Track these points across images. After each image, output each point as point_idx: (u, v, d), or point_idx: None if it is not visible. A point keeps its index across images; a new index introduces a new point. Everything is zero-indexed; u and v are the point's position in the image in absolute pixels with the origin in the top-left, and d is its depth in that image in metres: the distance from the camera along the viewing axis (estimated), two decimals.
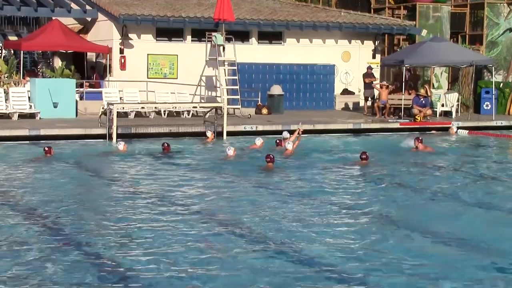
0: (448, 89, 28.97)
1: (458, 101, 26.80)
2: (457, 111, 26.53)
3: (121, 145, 17.39)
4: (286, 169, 15.34)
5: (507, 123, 25.01)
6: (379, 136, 22.13)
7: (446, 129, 23.30)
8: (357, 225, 10.50)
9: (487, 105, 27.28)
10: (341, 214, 11.30)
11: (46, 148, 16.30)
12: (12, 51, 29.19)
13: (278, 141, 18.41)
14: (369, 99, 26.67)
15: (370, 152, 16.32)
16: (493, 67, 27.24)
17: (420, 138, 18.76)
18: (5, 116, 22.24)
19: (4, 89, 23.18)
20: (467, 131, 23.07)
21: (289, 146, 17.12)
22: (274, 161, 15.18)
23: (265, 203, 11.89)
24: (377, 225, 10.65)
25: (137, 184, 13.70)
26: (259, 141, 17.87)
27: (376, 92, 26.55)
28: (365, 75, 26.94)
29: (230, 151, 16.37)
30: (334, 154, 18.09)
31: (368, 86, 26.59)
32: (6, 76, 25.66)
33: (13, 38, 29.29)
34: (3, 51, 30.50)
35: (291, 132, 18.79)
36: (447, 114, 26.44)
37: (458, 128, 23.31)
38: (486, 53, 29.53)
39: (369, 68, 27.33)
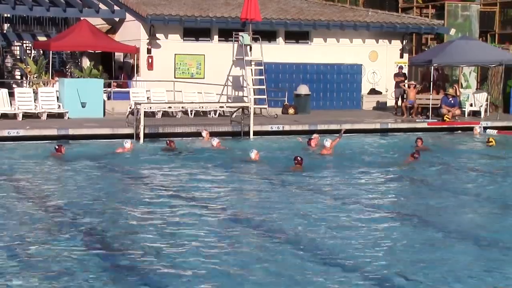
0: (476, 89, 28.74)
1: (487, 100, 26.57)
2: (486, 111, 26.31)
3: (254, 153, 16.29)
4: (317, 169, 15.33)
5: None
6: (407, 136, 22.02)
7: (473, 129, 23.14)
8: (385, 224, 10.51)
9: None
10: (374, 214, 11.31)
11: (56, 147, 16.50)
12: (41, 52, 29.50)
13: (309, 140, 18.42)
14: (399, 98, 26.57)
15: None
16: None
17: (421, 138, 18.79)
18: (34, 116, 22.48)
19: (33, 89, 23.46)
20: (496, 131, 22.88)
21: (327, 143, 17.04)
22: (302, 163, 15.16)
23: (298, 204, 11.92)
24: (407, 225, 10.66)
25: (163, 183, 13.82)
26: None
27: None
28: (395, 75, 26.92)
29: (253, 154, 16.27)
30: (368, 154, 18.08)
31: (398, 85, 26.53)
32: (35, 76, 25.96)
33: (42, 38, 29.60)
34: (33, 51, 30.85)
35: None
36: (475, 114, 26.24)
37: (486, 128, 23.13)
38: None
39: (400, 68, 27.28)
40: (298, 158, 15.16)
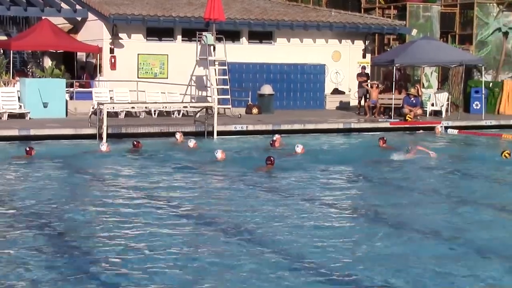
0: (438, 89, 29.06)
1: (448, 100, 26.89)
2: (447, 111, 26.62)
3: (104, 146, 17.32)
4: (288, 169, 15.29)
5: (496, 123, 25.15)
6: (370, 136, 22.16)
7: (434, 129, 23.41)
8: (344, 223, 10.54)
9: (476, 105, 27.40)
10: (330, 212, 11.33)
11: (27, 149, 16.21)
12: (2, 51, 29.05)
13: (272, 141, 18.46)
14: (362, 98, 26.74)
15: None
16: (482, 67, 27.33)
17: (385, 138, 18.97)
18: None
19: None
20: (457, 130, 23.16)
21: (299, 149, 17.18)
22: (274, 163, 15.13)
23: (264, 204, 11.82)
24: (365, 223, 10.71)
25: (127, 184, 13.69)
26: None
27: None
28: (358, 75, 27.10)
29: (219, 154, 16.25)
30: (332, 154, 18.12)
31: (361, 85, 26.72)
32: None
33: (2, 37, 29.16)
34: None
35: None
36: (437, 113, 26.53)
37: (447, 127, 23.40)
38: (475, 52, 29.66)
39: (363, 68, 27.48)
40: (272, 158, 15.12)
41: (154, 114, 24.02)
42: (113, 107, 22.17)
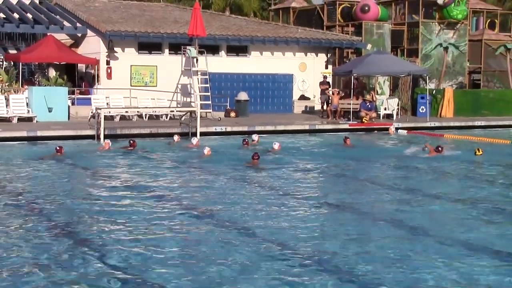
0: (389, 95, 29.28)
1: (398, 105, 27.11)
2: (397, 114, 26.84)
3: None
4: (270, 164, 15.22)
5: (439, 124, 25.41)
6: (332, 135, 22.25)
7: (387, 129, 23.55)
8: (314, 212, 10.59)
9: (422, 109, 27.64)
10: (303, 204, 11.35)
11: (58, 148, 15.87)
12: (12, 63, 28.78)
13: (245, 141, 18.47)
14: (324, 103, 26.85)
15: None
16: (427, 76, 27.61)
17: (348, 137, 19.06)
18: (6, 120, 21.98)
19: (5, 96, 22.92)
20: (406, 131, 23.37)
21: (276, 145, 17.21)
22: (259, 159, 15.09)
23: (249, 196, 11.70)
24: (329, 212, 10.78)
25: (126, 179, 13.62)
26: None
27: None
28: (321, 83, 27.19)
29: (205, 150, 16.26)
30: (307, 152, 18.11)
31: (323, 92, 26.83)
32: (7, 84, 25.34)
33: (13, 51, 28.89)
34: (4, 63, 30.04)
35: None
36: (389, 116, 26.73)
37: (398, 128, 23.61)
38: (421, 64, 29.91)
39: (325, 77, 27.62)
40: (258, 154, 15.07)
41: (145, 117, 23.94)
42: (109, 112, 22.08)
